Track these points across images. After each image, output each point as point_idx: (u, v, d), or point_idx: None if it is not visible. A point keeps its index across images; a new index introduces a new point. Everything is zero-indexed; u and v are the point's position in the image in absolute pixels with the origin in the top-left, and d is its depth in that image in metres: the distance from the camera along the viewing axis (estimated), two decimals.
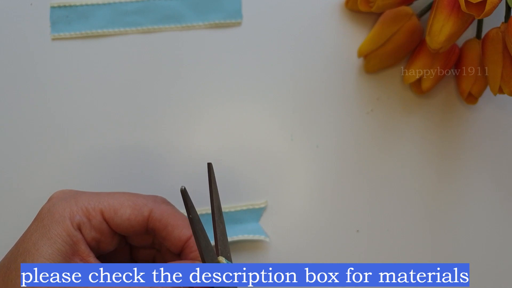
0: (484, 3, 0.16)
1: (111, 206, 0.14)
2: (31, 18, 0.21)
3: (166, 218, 0.14)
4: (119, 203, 0.14)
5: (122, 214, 0.14)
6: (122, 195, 0.15)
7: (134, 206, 0.14)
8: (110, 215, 0.14)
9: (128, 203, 0.14)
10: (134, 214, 0.14)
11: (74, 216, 0.14)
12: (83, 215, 0.14)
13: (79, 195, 0.14)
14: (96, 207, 0.14)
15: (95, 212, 0.14)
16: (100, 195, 0.14)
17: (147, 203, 0.14)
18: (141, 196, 0.15)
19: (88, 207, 0.14)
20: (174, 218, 0.14)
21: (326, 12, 0.22)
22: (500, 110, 0.22)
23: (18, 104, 0.21)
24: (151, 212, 0.14)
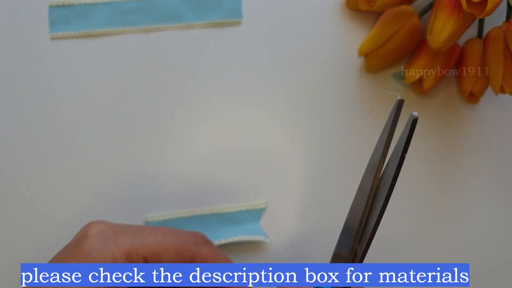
0: (485, 2, 0.16)
1: (154, 252, 0.14)
2: (30, 17, 0.21)
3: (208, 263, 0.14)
4: (163, 248, 0.14)
5: (164, 259, 0.14)
6: (164, 237, 0.14)
7: (177, 251, 0.14)
8: (152, 260, 0.14)
9: (172, 248, 0.14)
10: (177, 260, 0.14)
11: (117, 260, 0.13)
12: (126, 258, 0.14)
13: (119, 234, 0.14)
14: (139, 253, 0.14)
15: (138, 257, 0.14)
16: (141, 234, 0.14)
17: (190, 247, 0.14)
18: (182, 234, 0.15)
19: (131, 252, 0.14)
20: (213, 261, 0.15)
21: (326, 11, 0.22)
22: (502, 109, 0.22)
23: (17, 104, 0.21)
24: (193, 257, 0.14)
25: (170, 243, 0.14)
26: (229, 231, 0.19)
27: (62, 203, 0.20)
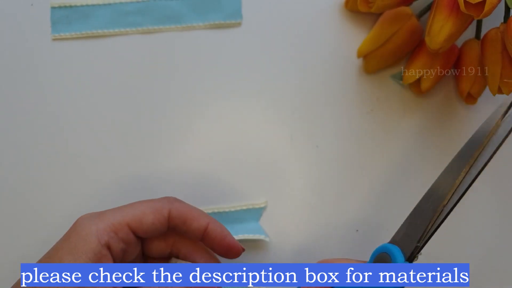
0: (483, 4, 0.16)
1: (136, 217, 0.15)
2: (32, 18, 0.21)
3: (184, 213, 0.16)
4: (141, 212, 0.15)
5: (146, 221, 0.15)
6: (141, 204, 0.16)
7: (155, 211, 0.15)
8: (136, 225, 0.15)
9: (149, 210, 0.15)
10: (157, 218, 0.15)
11: (102, 233, 0.14)
12: (111, 230, 0.15)
13: (104, 213, 0.15)
14: (123, 221, 0.15)
15: (122, 225, 0.15)
16: (122, 209, 0.15)
17: (164, 205, 0.16)
18: (156, 200, 0.16)
19: (114, 223, 0.15)
20: (190, 212, 0.16)
21: (326, 12, 0.22)
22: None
23: (18, 105, 0.21)
24: (170, 212, 0.15)
25: (148, 206, 0.15)
26: (230, 230, 0.19)
27: (62, 203, 0.20)
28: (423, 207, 0.14)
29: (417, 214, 0.14)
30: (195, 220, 0.15)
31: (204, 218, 0.16)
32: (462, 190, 0.14)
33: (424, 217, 0.14)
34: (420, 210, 0.14)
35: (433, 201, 0.14)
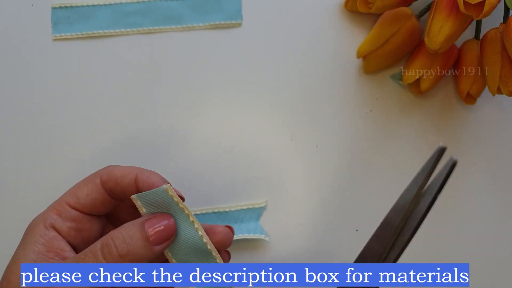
0: (482, 4, 0.16)
1: (71, 193, 0.15)
2: (33, 18, 0.21)
3: (112, 174, 0.16)
4: (76, 187, 0.16)
5: (81, 194, 0.15)
6: (80, 182, 0.16)
7: (87, 182, 0.16)
8: (74, 201, 0.15)
9: (82, 183, 0.16)
10: (90, 188, 0.15)
11: (46, 218, 0.15)
12: (53, 214, 0.15)
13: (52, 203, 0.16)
14: (61, 201, 0.15)
15: (61, 205, 0.15)
16: (66, 192, 0.16)
17: (94, 174, 0.16)
18: (91, 175, 0.16)
19: (55, 206, 0.15)
20: (118, 171, 0.16)
21: (325, 13, 0.22)
22: (499, 110, 0.22)
23: (19, 104, 0.21)
24: (100, 178, 0.16)
25: (80, 182, 0.16)
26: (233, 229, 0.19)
27: None
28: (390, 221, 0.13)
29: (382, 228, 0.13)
30: (124, 177, 0.15)
31: (131, 171, 0.15)
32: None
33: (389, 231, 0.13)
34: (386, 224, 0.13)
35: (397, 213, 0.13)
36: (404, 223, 0.13)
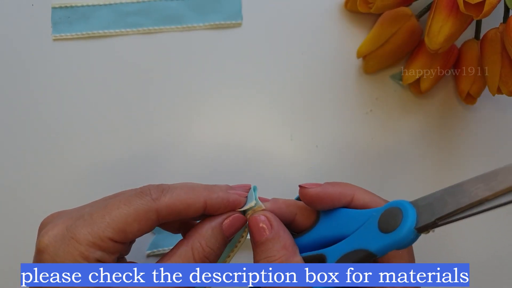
0: (482, 4, 0.16)
1: (117, 230, 0.13)
2: (33, 18, 0.21)
3: (175, 208, 0.14)
4: (124, 222, 0.13)
5: (131, 230, 0.13)
6: (120, 209, 0.13)
7: (139, 219, 0.13)
8: (121, 238, 0.13)
9: (132, 218, 0.13)
10: (143, 224, 0.13)
11: (85, 255, 0.12)
12: (95, 249, 0.13)
13: (75, 228, 0.13)
14: (103, 237, 0.13)
15: (105, 242, 0.13)
16: (96, 218, 0.13)
17: (149, 207, 0.13)
18: (136, 197, 0.13)
19: (95, 241, 0.13)
20: (181, 203, 0.14)
21: (325, 13, 0.22)
22: (499, 110, 0.22)
23: (19, 104, 0.21)
24: (158, 212, 0.13)
25: (128, 214, 0.13)
26: None
27: (63, 203, 0.20)
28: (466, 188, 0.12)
29: (454, 192, 0.12)
30: (189, 208, 0.13)
31: (198, 199, 0.14)
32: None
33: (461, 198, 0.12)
34: (460, 190, 0.12)
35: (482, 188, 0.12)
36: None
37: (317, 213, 0.15)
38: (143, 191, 0.14)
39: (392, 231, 0.12)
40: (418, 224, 0.12)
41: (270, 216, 0.14)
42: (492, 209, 0.12)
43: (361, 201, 0.14)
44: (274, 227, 0.14)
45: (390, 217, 0.12)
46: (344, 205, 0.15)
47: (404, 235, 0.12)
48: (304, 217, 0.15)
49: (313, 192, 0.14)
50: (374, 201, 0.14)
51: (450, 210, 0.12)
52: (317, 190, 0.14)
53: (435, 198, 0.12)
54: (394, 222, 0.12)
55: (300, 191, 0.15)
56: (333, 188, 0.15)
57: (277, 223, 0.14)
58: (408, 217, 0.12)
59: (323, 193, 0.14)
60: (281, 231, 0.14)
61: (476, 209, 0.12)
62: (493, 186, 0.12)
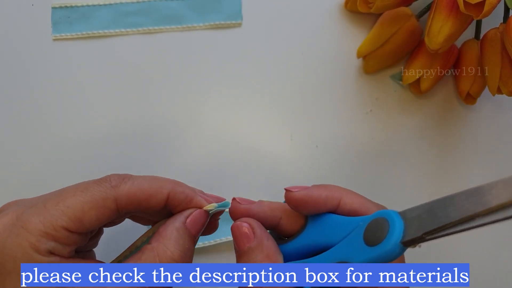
0: (482, 4, 0.16)
1: (73, 219, 0.12)
2: (33, 18, 0.21)
3: (134, 196, 0.12)
4: (80, 210, 0.12)
5: (88, 219, 0.12)
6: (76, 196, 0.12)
7: (97, 206, 0.12)
8: (76, 227, 0.12)
9: (89, 205, 0.12)
10: (101, 213, 0.12)
11: (36, 245, 0.11)
12: (47, 239, 0.11)
13: (26, 216, 0.12)
14: (57, 226, 0.12)
15: (58, 231, 0.12)
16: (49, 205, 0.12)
17: (107, 194, 0.12)
18: (93, 185, 0.12)
19: (46, 231, 0.11)
20: (141, 192, 0.12)
21: (325, 13, 0.22)
22: (499, 110, 0.22)
23: (19, 104, 0.21)
24: (117, 201, 0.12)
25: (85, 201, 0.12)
26: (228, 230, 0.19)
27: None
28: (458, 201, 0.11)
29: (445, 205, 0.11)
30: (151, 199, 0.12)
31: (161, 190, 0.12)
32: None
33: (451, 211, 0.11)
34: (451, 202, 0.11)
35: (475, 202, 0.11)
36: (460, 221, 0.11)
37: (305, 218, 0.15)
38: (103, 179, 0.13)
39: (377, 244, 0.11)
40: (405, 238, 0.11)
41: (252, 223, 0.14)
42: (484, 225, 0.11)
43: (349, 206, 0.14)
44: (257, 235, 0.13)
45: (376, 228, 0.12)
46: (330, 209, 0.14)
47: (389, 249, 0.11)
48: (290, 221, 0.14)
49: (298, 196, 0.13)
50: (363, 206, 0.13)
51: (439, 225, 0.11)
52: (301, 193, 0.13)
53: (424, 210, 0.11)
54: (379, 234, 0.11)
55: (286, 195, 0.14)
56: (318, 192, 0.14)
57: (260, 230, 0.13)
58: (395, 229, 0.11)
59: (307, 197, 0.13)
60: (264, 239, 0.13)
61: (467, 224, 0.11)
62: (487, 200, 0.11)
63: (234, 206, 0.14)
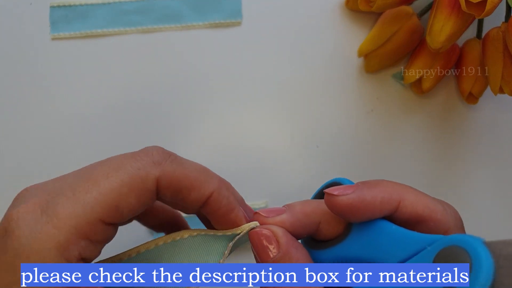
0: (484, 3, 0.16)
1: (110, 206, 0.10)
2: (31, 17, 0.21)
3: (178, 181, 0.10)
4: (117, 195, 0.10)
5: (127, 206, 0.10)
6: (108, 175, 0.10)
7: (136, 187, 0.10)
8: (113, 216, 0.10)
9: (127, 188, 0.10)
10: (141, 196, 0.10)
11: (65, 248, 0.09)
12: (78, 238, 0.09)
13: (55, 206, 0.09)
14: (91, 218, 0.09)
15: (94, 225, 0.09)
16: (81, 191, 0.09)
17: (148, 171, 0.10)
18: (131, 159, 0.10)
19: (78, 226, 0.09)
20: (186, 179, 0.11)
21: (326, 11, 0.22)
22: (501, 109, 0.22)
23: (18, 104, 0.21)
24: (158, 181, 0.10)
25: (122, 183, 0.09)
26: None
27: None
28: None
29: None
30: (193, 190, 0.10)
31: (208, 184, 0.11)
32: None
33: None
34: None
35: None
36: None
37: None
38: (142, 152, 0.11)
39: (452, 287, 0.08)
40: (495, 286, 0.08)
41: (276, 230, 0.11)
42: None
43: (409, 209, 0.11)
44: (282, 246, 0.11)
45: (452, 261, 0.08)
46: (386, 215, 0.11)
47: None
48: (331, 225, 0.12)
49: (346, 202, 0.11)
50: (427, 209, 0.10)
51: None
52: (350, 198, 0.11)
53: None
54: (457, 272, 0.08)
55: (328, 201, 0.11)
56: (372, 194, 0.11)
57: (286, 239, 0.11)
58: (481, 271, 0.08)
59: (359, 203, 0.11)
60: (292, 249, 0.11)
61: None
62: None
63: (260, 221, 0.12)
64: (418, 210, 0.11)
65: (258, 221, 0.12)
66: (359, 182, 0.12)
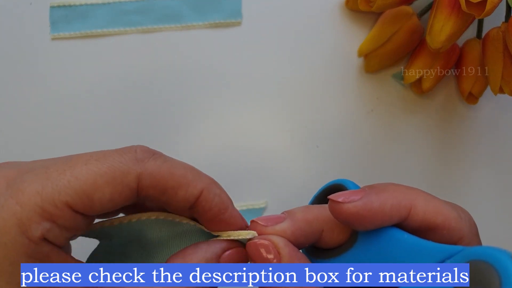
0: (484, 3, 0.16)
1: (81, 193, 0.09)
2: (31, 17, 0.21)
3: (162, 180, 0.10)
4: (92, 183, 0.09)
5: (100, 198, 0.09)
6: (87, 163, 0.09)
7: (114, 180, 0.09)
8: (83, 205, 0.09)
9: (104, 179, 0.09)
10: (117, 191, 0.09)
11: (27, 226, 0.08)
12: (42, 219, 0.08)
13: (20, 183, 0.09)
14: (58, 201, 0.09)
15: (58, 208, 0.09)
16: (53, 172, 0.09)
17: (129, 167, 0.09)
18: (115, 153, 0.10)
19: (44, 205, 0.08)
20: (172, 177, 0.10)
21: (326, 11, 0.22)
22: (501, 109, 0.22)
23: (18, 104, 0.21)
24: (140, 179, 0.09)
25: (100, 172, 0.09)
26: None
27: None
28: None
29: None
30: (180, 189, 0.10)
31: (195, 183, 0.10)
32: None
33: None
34: None
35: None
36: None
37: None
38: (126, 149, 0.10)
39: None
40: None
41: (277, 241, 0.10)
42: None
43: (421, 216, 0.10)
44: (284, 258, 0.10)
45: (476, 279, 0.08)
46: (396, 223, 0.10)
47: None
48: (335, 233, 0.11)
49: (352, 211, 0.10)
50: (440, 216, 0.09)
51: None
52: (357, 206, 0.10)
53: None
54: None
55: (332, 208, 0.10)
56: (381, 200, 0.10)
57: (288, 250, 0.10)
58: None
59: (366, 211, 0.10)
60: (295, 260, 0.10)
61: None
62: None
63: (258, 231, 0.11)
64: (431, 217, 0.10)
65: (256, 230, 0.11)
66: (365, 187, 0.11)
